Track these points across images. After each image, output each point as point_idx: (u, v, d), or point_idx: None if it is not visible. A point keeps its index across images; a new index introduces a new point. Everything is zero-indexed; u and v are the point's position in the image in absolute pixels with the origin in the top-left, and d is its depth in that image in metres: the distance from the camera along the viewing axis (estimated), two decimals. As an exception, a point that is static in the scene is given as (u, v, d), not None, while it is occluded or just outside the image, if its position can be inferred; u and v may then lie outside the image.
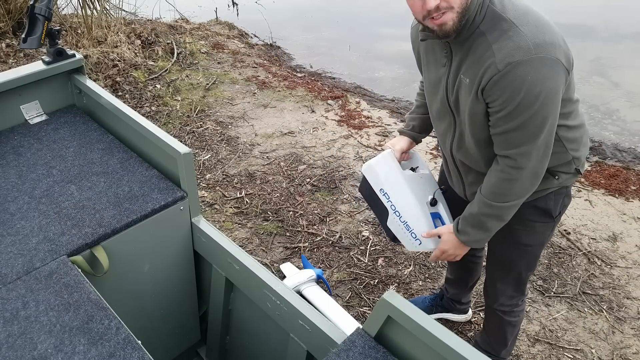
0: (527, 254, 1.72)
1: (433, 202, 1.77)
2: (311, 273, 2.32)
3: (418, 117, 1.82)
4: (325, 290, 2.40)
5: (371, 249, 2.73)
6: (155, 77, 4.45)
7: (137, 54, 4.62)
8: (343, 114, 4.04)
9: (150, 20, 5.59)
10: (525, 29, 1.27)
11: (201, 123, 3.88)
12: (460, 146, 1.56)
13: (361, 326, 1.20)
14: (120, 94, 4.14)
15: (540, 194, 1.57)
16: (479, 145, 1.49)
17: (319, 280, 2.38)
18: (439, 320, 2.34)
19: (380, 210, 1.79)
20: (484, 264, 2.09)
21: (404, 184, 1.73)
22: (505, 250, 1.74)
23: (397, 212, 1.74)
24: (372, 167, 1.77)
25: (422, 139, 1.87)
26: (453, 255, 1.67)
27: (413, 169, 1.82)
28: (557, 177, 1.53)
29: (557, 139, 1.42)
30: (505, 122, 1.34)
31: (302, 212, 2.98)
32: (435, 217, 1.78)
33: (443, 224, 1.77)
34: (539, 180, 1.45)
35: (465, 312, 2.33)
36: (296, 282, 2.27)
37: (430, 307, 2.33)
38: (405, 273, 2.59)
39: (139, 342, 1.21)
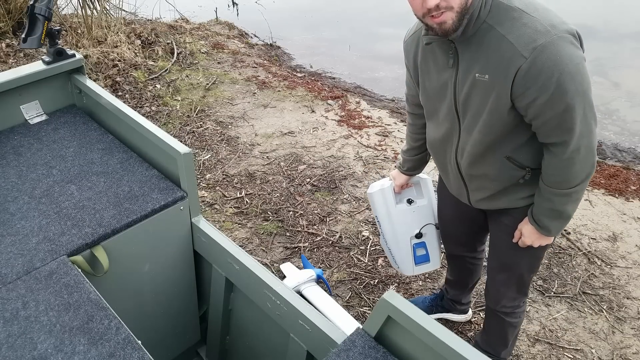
0: (530, 256, 1.70)
1: (418, 235, 1.95)
2: (311, 273, 2.32)
3: (411, 159, 1.89)
4: (325, 290, 2.40)
5: (371, 249, 2.73)
6: (155, 77, 4.45)
7: (137, 54, 4.62)
8: (343, 114, 4.04)
9: (150, 20, 5.59)
10: (537, 14, 1.28)
11: (201, 123, 3.88)
12: (464, 151, 1.54)
13: (361, 326, 1.20)
14: (120, 94, 4.14)
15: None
16: (488, 148, 1.46)
17: (319, 280, 2.38)
18: (439, 320, 2.34)
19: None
20: (484, 264, 2.10)
21: (391, 218, 1.95)
22: (508, 253, 1.72)
23: (384, 237, 2.01)
24: (371, 195, 1.99)
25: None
26: (540, 243, 1.60)
27: (410, 201, 1.95)
28: None
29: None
30: (548, 107, 1.30)
31: (302, 212, 2.98)
32: (420, 246, 1.97)
33: (427, 253, 1.99)
34: (595, 148, 1.40)
35: (465, 312, 2.33)
36: (296, 282, 2.27)
37: (430, 307, 2.32)
38: (405, 273, 2.59)
39: (139, 342, 1.21)
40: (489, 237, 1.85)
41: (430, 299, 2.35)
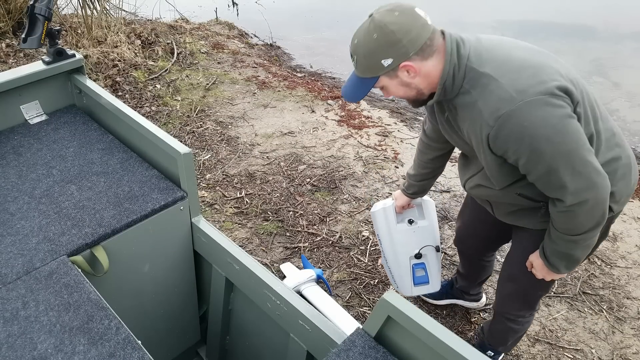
0: (540, 281, 1.64)
1: (418, 256, 1.96)
2: (311, 273, 2.32)
3: (416, 183, 1.88)
4: (325, 290, 2.40)
5: (371, 249, 2.73)
6: (155, 77, 4.45)
7: (137, 54, 4.62)
8: (343, 114, 4.04)
9: (150, 20, 5.59)
10: (505, 79, 1.22)
11: (201, 123, 3.88)
12: (480, 182, 1.54)
13: (361, 326, 1.20)
14: (120, 94, 4.14)
15: None
16: (501, 188, 1.46)
17: (319, 280, 2.38)
18: (450, 305, 2.39)
19: None
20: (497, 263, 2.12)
21: (392, 237, 1.98)
22: (519, 268, 1.69)
23: (385, 256, 2.05)
24: (374, 214, 2.03)
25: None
26: (552, 277, 1.58)
27: (411, 221, 1.95)
28: None
29: None
30: (532, 168, 1.28)
31: (302, 212, 2.98)
32: (420, 267, 1.98)
33: (427, 274, 1.99)
34: (606, 199, 1.30)
35: (478, 300, 2.35)
36: (296, 282, 2.27)
37: (441, 292, 2.35)
38: (405, 273, 2.59)
39: (139, 342, 1.21)
40: (507, 245, 1.86)
41: (442, 285, 2.35)
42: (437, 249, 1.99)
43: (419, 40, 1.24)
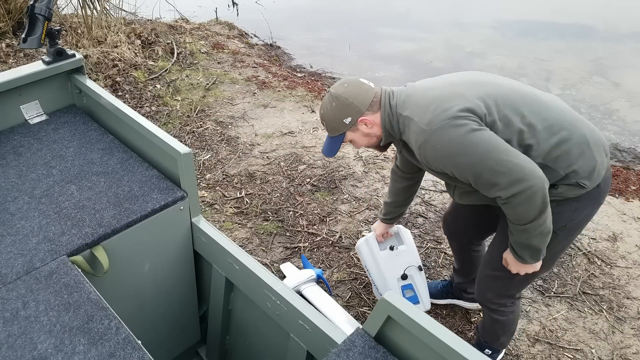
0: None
1: (404, 277, 2.18)
2: (311, 273, 2.32)
3: (393, 210, 2.12)
4: (325, 290, 2.40)
5: (371, 249, 2.73)
6: (155, 77, 4.45)
7: (137, 54, 4.62)
8: (343, 114, 4.04)
9: (150, 20, 5.59)
10: (418, 117, 1.51)
11: (201, 123, 3.88)
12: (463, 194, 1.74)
13: (361, 326, 1.20)
14: (120, 94, 4.14)
15: None
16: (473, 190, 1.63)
17: (319, 280, 2.38)
18: (450, 305, 2.41)
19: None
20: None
21: (378, 264, 2.20)
22: (498, 248, 1.74)
23: (375, 285, 2.24)
24: (358, 248, 2.30)
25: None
26: (526, 271, 1.67)
27: (392, 247, 2.21)
28: (556, 187, 1.53)
29: (538, 162, 1.47)
30: (464, 178, 1.50)
31: (302, 212, 2.98)
32: (408, 287, 2.19)
33: (415, 295, 2.20)
34: (540, 187, 1.43)
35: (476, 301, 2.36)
36: (296, 282, 2.26)
37: (442, 292, 2.39)
38: (405, 273, 2.59)
39: (139, 342, 1.21)
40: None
41: (443, 285, 2.40)
42: (420, 268, 2.22)
43: (366, 100, 1.60)
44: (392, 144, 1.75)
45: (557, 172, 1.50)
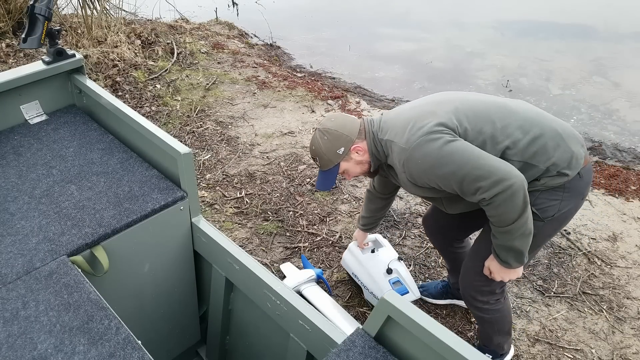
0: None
1: (389, 271, 2.30)
2: (311, 273, 2.32)
3: (370, 222, 2.25)
4: (325, 290, 2.40)
5: (371, 249, 2.73)
6: (155, 77, 4.45)
7: (137, 54, 4.62)
8: (343, 114, 4.04)
9: (150, 20, 5.59)
10: (397, 138, 1.62)
11: (201, 123, 3.88)
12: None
13: (361, 326, 1.20)
14: (120, 94, 4.14)
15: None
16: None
17: (319, 280, 2.38)
18: (450, 305, 2.42)
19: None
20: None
21: (364, 266, 2.34)
22: (482, 245, 1.77)
23: (367, 288, 2.34)
24: (343, 260, 2.48)
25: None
26: (510, 278, 1.73)
27: (373, 250, 2.40)
28: (538, 179, 1.59)
29: (518, 161, 1.56)
30: (449, 187, 1.58)
31: (302, 212, 2.98)
32: (396, 280, 2.29)
33: (404, 285, 2.28)
34: (520, 187, 1.50)
35: None
36: (296, 282, 2.27)
37: (442, 292, 2.40)
38: (405, 273, 2.59)
39: (139, 342, 1.21)
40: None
41: (442, 285, 2.42)
42: (399, 259, 2.36)
43: (354, 129, 1.72)
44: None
45: (538, 167, 1.58)
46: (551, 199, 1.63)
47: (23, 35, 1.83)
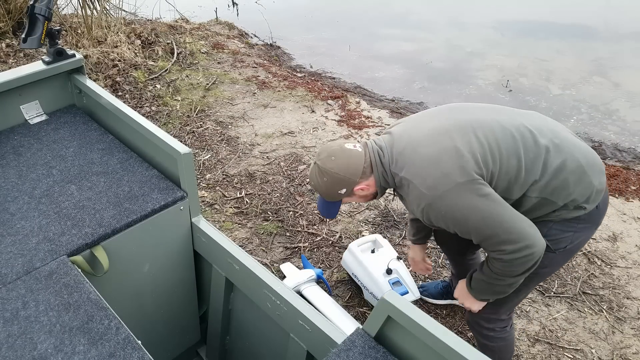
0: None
1: (388, 271, 2.30)
2: (311, 273, 2.32)
3: (420, 235, 2.04)
4: (325, 290, 2.40)
5: (371, 249, 2.73)
6: (155, 77, 4.45)
7: (137, 54, 4.62)
8: (343, 114, 4.04)
9: (150, 20, 5.59)
10: (417, 179, 1.46)
11: (201, 123, 3.88)
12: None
13: (361, 326, 1.20)
14: (120, 94, 4.14)
15: (537, 219, 1.52)
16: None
17: (319, 280, 2.38)
18: (450, 305, 2.42)
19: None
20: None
21: (364, 267, 2.33)
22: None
23: (367, 288, 2.33)
24: (344, 261, 2.47)
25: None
26: (467, 304, 1.71)
27: (372, 250, 2.42)
28: (554, 210, 1.51)
29: (536, 197, 1.48)
30: (468, 236, 1.50)
31: (302, 212, 2.98)
32: (396, 281, 2.29)
33: (403, 286, 2.27)
34: (540, 253, 1.44)
35: None
36: (296, 282, 2.27)
37: (442, 292, 2.39)
38: (405, 273, 2.59)
39: (139, 342, 1.21)
40: None
41: (443, 285, 2.40)
42: (398, 258, 2.36)
43: (357, 170, 1.54)
44: None
45: (556, 204, 1.49)
46: (565, 230, 1.54)
47: (23, 35, 1.83)
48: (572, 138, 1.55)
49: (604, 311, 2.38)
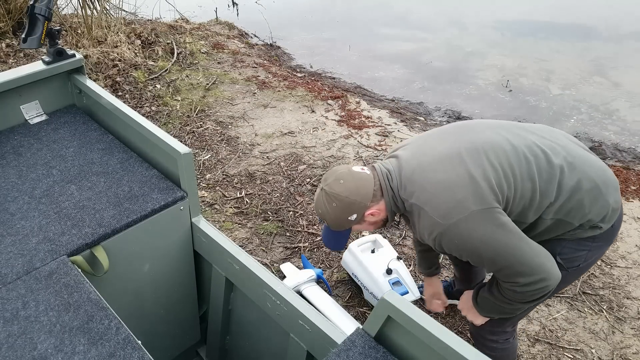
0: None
1: (389, 271, 2.29)
2: (311, 273, 2.32)
3: (430, 266, 2.03)
4: (325, 290, 2.40)
5: (371, 249, 2.73)
6: (155, 77, 4.45)
7: (137, 54, 4.62)
8: (343, 114, 4.04)
9: (150, 20, 5.59)
10: (429, 207, 1.40)
11: (201, 123, 3.88)
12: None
13: (361, 326, 1.20)
14: (120, 94, 4.14)
15: (551, 238, 1.51)
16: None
17: (319, 280, 2.38)
18: (451, 305, 2.39)
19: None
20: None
21: (364, 266, 2.33)
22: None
23: (367, 288, 2.33)
24: (343, 260, 2.47)
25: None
26: (471, 318, 1.70)
27: (373, 250, 2.42)
28: (569, 230, 1.48)
29: (551, 218, 1.45)
30: (482, 265, 1.49)
31: (302, 212, 2.98)
32: (396, 281, 2.28)
33: (403, 286, 2.26)
34: (555, 285, 1.42)
35: None
36: (296, 282, 2.27)
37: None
38: (405, 273, 2.59)
39: (139, 342, 1.21)
40: None
41: (443, 286, 2.36)
42: (398, 258, 2.36)
43: (368, 193, 1.46)
44: None
45: (572, 224, 1.46)
46: (578, 249, 1.51)
47: (23, 35, 1.83)
48: (585, 154, 1.51)
49: (604, 311, 2.38)
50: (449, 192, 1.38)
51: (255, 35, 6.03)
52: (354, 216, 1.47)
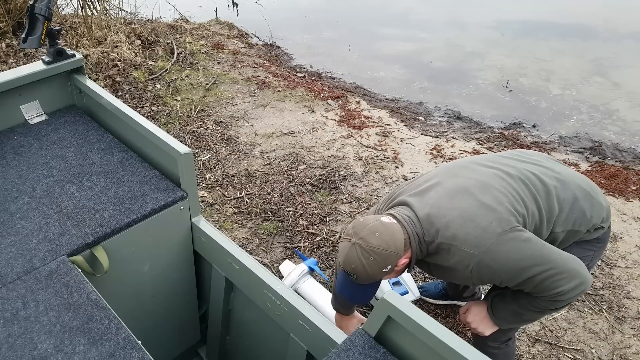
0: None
1: None
2: (303, 267, 2.31)
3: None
4: (321, 279, 2.40)
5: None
6: (155, 77, 4.45)
7: (137, 54, 4.62)
8: (343, 114, 4.04)
9: (150, 20, 5.59)
10: (457, 242, 1.44)
11: (201, 123, 3.88)
12: None
13: (361, 326, 1.20)
14: (120, 94, 4.14)
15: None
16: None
17: (313, 271, 2.37)
18: (450, 305, 2.41)
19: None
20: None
21: None
22: (495, 293, 1.70)
23: None
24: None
25: None
26: (482, 330, 1.69)
27: None
28: (579, 236, 1.60)
29: (561, 231, 1.55)
30: (523, 287, 1.49)
31: (302, 212, 2.98)
32: (395, 281, 2.26)
33: (403, 285, 2.25)
34: (589, 286, 1.47)
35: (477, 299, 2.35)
36: (289, 281, 2.26)
37: (442, 293, 2.39)
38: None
39: (139, 342, 1.21)
40: None
41: (442, 285, 2.40)
42: None
43: (401, 242, 1.46)
44: None
45: (580, 231, 1.57)
46: (587, 249, 1.61)
47: (23, 35, 1.83)
48: (566, 168, 1.65)
49: (604, 311, 2.38)
50: (471, 223, 1.43)
51: (255, 35, 6.03)
52: (389, 267, 1.46)
